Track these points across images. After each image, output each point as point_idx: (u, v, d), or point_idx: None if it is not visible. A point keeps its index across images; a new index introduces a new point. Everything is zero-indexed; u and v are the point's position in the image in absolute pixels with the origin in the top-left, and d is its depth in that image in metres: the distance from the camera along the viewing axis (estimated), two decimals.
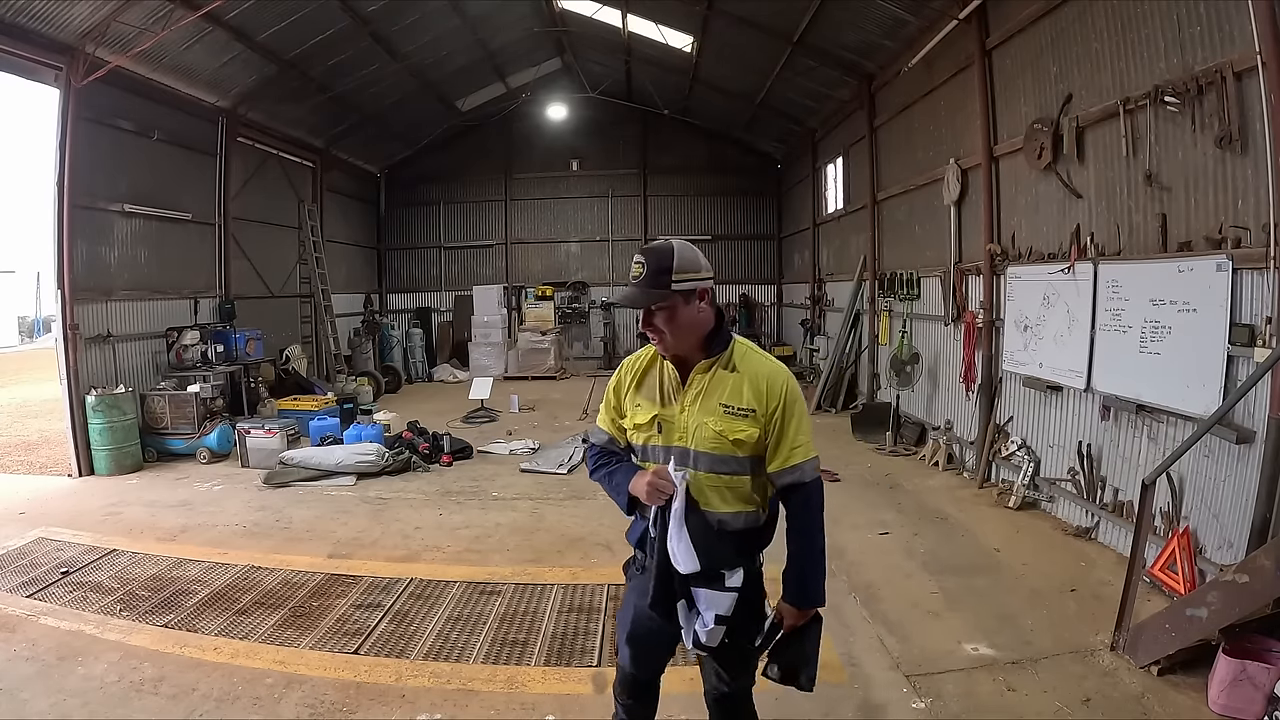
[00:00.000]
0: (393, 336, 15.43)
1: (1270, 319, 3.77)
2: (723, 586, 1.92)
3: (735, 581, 1.93)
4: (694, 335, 2.01)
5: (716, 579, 1.91)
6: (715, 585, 1.91)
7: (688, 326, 1.99)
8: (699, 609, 1.94)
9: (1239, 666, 3.11)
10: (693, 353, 2.05)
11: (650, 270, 1.96)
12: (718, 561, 1.92)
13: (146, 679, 3.60)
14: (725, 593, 1.92)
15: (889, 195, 9.67)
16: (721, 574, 1.92)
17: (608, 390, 2.25)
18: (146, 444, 8.19)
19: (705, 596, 1.93)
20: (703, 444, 2.00)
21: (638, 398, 2.14)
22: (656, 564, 1.96)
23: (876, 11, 8.14)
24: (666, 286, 1.95)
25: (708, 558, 1.90)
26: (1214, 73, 4.07)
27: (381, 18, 10.13)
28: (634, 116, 16.20)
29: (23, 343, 29.88)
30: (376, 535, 5.76)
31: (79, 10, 7.16)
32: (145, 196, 9.02)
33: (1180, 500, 4.38)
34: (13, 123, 42.17)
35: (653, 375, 2.13)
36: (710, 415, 2.00)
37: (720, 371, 2.03)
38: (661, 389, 2.10)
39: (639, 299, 1.97)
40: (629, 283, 2.01)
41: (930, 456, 7.73)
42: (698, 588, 1.93)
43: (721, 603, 1.92)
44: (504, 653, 3.86)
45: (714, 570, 1.91)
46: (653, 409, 2.09)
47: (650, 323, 1.99)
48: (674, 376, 2.08)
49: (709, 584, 1.92)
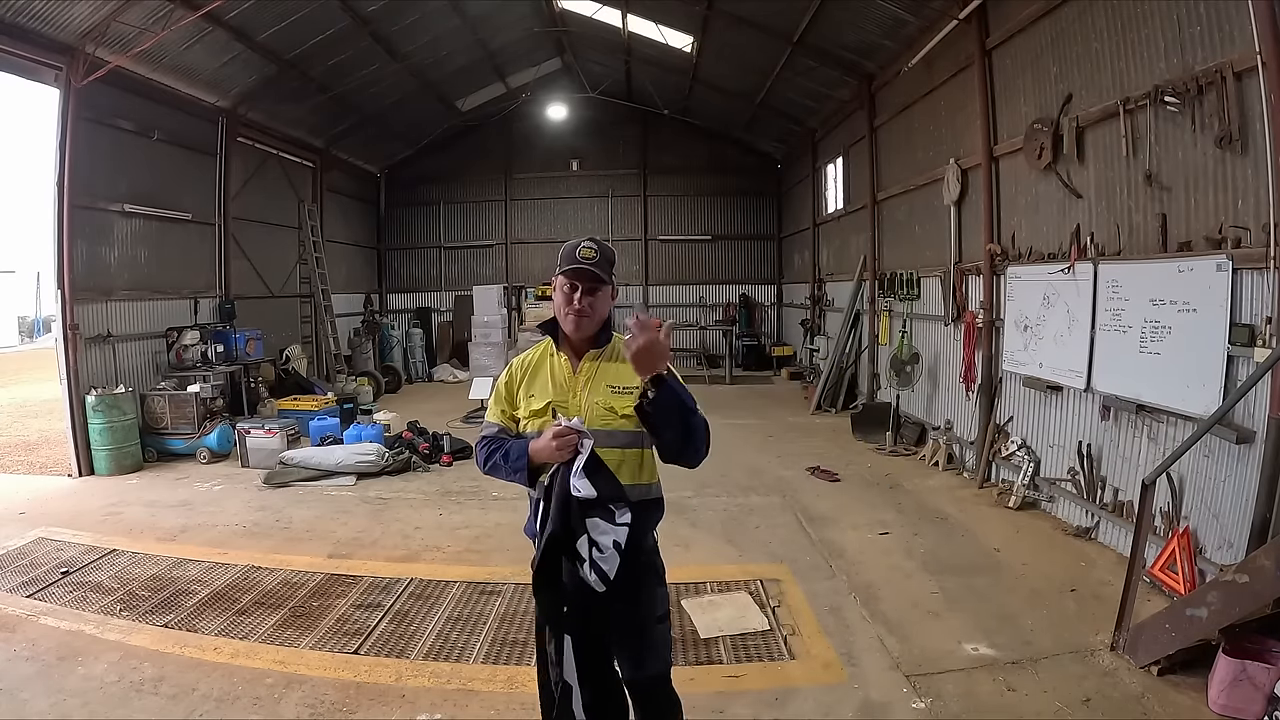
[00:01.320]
0: (393, 336, 15.43)
1: (1270, 319, 3.77)
2: (614, 521, 2.13)
3: (625, 519, 2.13)
4: (599, 322, 2.30)
5: (608, 513, 2.12)
6: (608, 518, 2.12)
7: (602, 312, 2.30)
8: (595, 538, 2.12)
9: (1239, 666, 3.11)
10: (585, 343, 2.32)
11: (601, 258, 2.26)
12: (614, 490, 2.13)
13: (146, 679, 3.60)
14: (618, 526, 2.13)
15: (889, 195, 9.67)
16: (612, 509, 2.12)
17: (498, 387, 2.44)
18: (146, 444, 8.19)
19: (601, 526, 2.12)
20: (594, 421, 2.21)
21: (531, 389, 2.35)
22: (558, 495, 2.13)
23: (876, 11, 8.14)
24: (609, 274, 2.28)
25: (608, 486, 2.12)
26: (1214, 73, 4.07)
27: (381, 18, 10.13)
28: (634, 116, 16.20)
29: (23, 343, 29.88)
30: (376, 535, 5.77)
31: (79, 10, 7.16)
32: (145, 196, 9.02)
33: (1180, 500, 4.38)
34: (13, 123, 42.19)
35: (544, 369, 2.36)
36: (600, 395, 2.25)
37: (605, 362, 2.31)
38: (553, 378, 2.33)
39: (597, 275, 2.24)
40: (579, 260, 2.23)
41: (930, 456, 7.73)
42: (592, 517, 2.12)
43: (618, 533, 2.13)
44: (504, 653, 3.86)
45: (610, 499, 2.12)
46: (546, 397, 2.30)
47: (586, 298, 2.24)
48: (566, 366, 2.33)
49: (603, 515, 2.12)
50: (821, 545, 5.37)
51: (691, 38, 11.62)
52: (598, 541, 2.12)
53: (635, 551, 2.16)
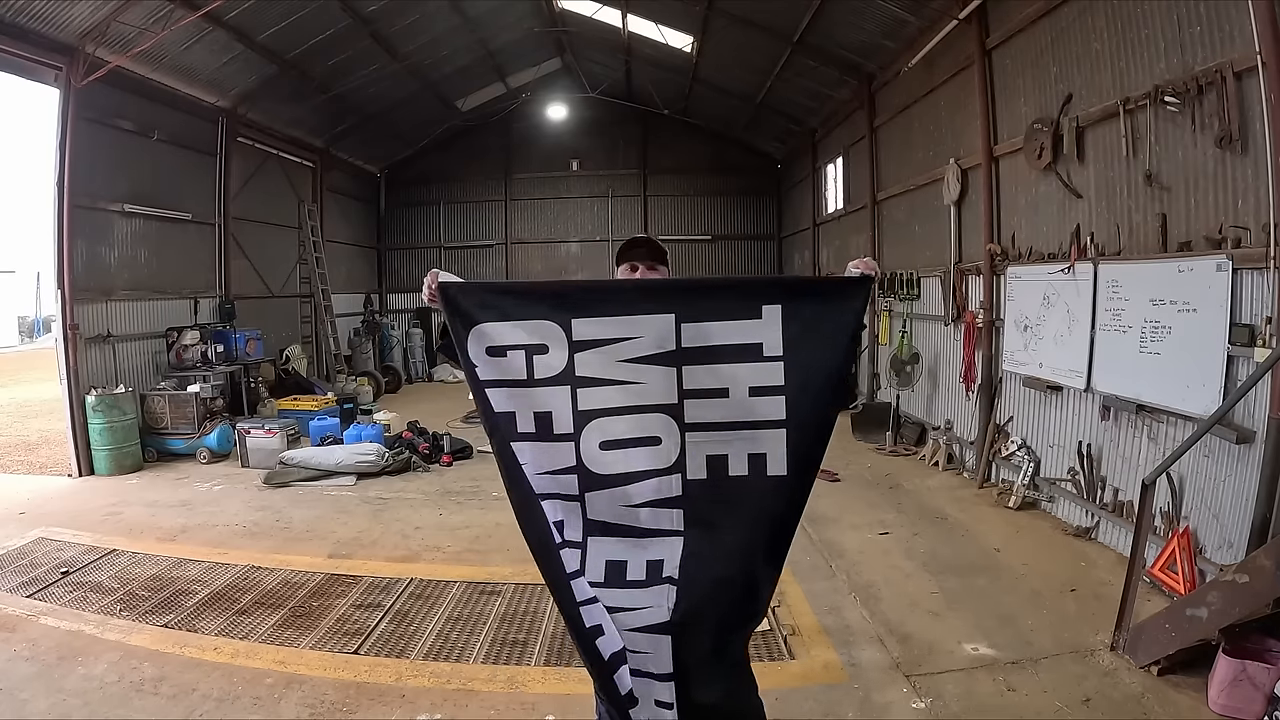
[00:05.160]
0: (393, 336, 15.43)
1: (1270, 319, 3.77)
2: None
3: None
4: None
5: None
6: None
7: None
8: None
9: (1239, 666, 3.11)
10: None
11: (654, 247, 2.26)
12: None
13: (146, 679, 3.60)
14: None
15: (889, 195, 9.67)
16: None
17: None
18: (146, 444, 8.19)
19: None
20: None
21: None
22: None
23: (876, 11, 8.14)
24: (665, 260, 2.27)
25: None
26: (1214, 73, 4.06)
27: (381, 18, 10.13)
28: (634, 116, 16.18)
29: (23, 343, 29.88)
30: (376, 535, 5.76)
31: (79, 10, 7.16)
32: (145, 196, 9.02)
33: (1180, 500, 4.38)
34: (13, 123, 42.18)
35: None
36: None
37: None
38: None
39: (652, 257, 2.23)
40: (635, 246, 2.25)
41: (930, 456, 7.73)
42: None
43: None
44: (504, 653, 3.86)
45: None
46: None
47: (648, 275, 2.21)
48: None
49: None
50: (821, 545, 5.37)
51: (691, 38, 11.61)
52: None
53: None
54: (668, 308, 1.88)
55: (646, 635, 1.87)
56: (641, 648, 1.88)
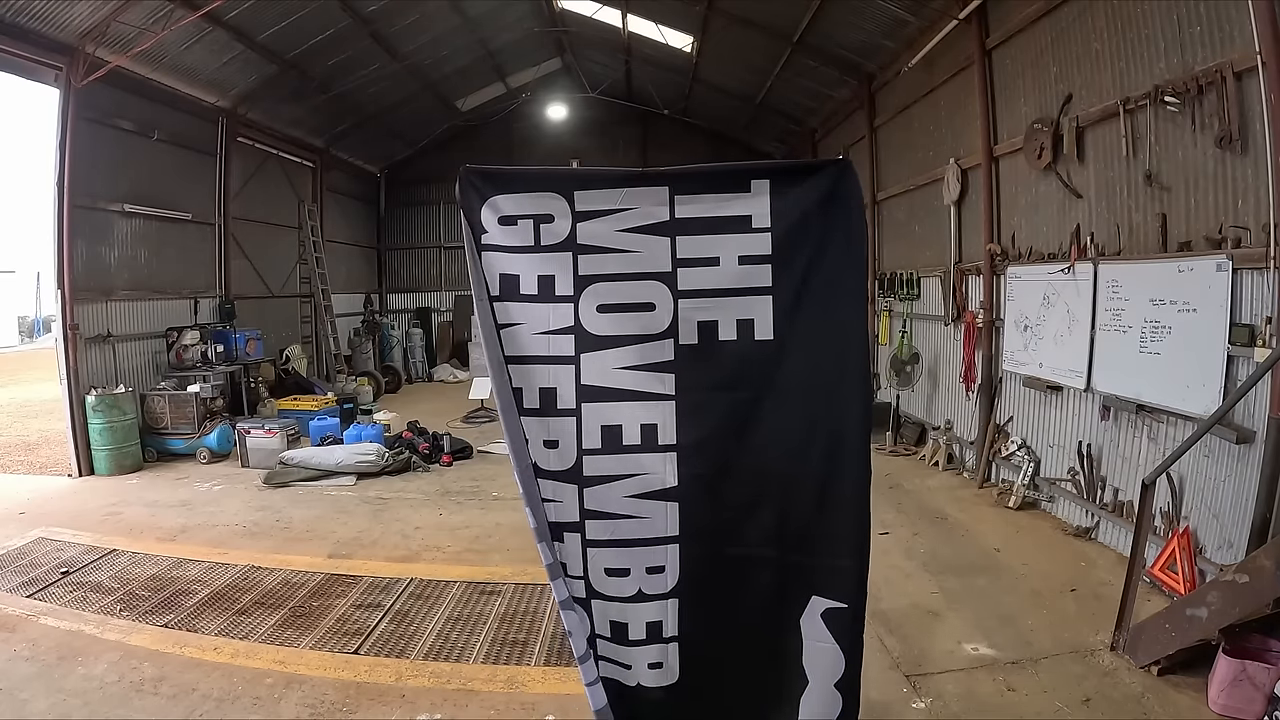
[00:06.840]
0: (393, 336, 15.42)
1: (1270, 319, 3.77)
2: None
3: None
4: None
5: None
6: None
7: None
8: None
9: (1239, 666, 3.11)
10: None
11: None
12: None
13: (146, 679, 3.60)
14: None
15: (889, 195, 9.67)
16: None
17: None
18: (146, 444, 8.19)
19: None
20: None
21: None
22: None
23: (876, 11, 8.13)
24: None
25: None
26: (1214, 73, 4.06)
27: (381, 18, 10.13)
28: (634, 116, 16.18)
29: (23, 343, 29.86)
30: (376, 535, 5.76)
31: (79, 10, 7.16)
32: (145, 196, 9.02)
33: (1180, 500, 4.38)
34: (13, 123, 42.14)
35: None
36: None
37: None
38: None
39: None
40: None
41: (930, 456, 7.73)
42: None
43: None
44: (504, 653, 3.86)
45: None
46: None
47: None
48: None
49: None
50: None
51: (691, 38, 11.61)
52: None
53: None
54: (663, 183, 2.07)
55: (650, 502, 2.09)
56: (645, 513, 2.09)
